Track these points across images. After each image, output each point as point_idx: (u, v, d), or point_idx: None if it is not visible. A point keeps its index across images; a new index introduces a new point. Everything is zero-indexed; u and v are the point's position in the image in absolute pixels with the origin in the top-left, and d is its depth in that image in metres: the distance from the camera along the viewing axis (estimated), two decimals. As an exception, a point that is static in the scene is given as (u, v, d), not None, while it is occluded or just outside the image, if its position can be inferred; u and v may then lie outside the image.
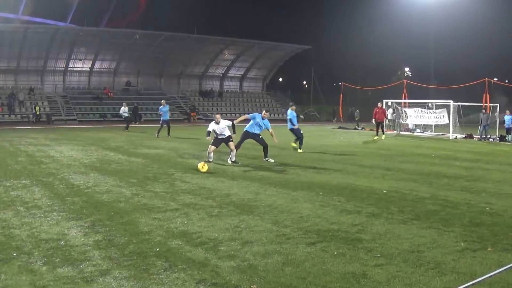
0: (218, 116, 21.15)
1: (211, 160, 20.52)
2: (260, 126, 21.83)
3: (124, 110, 43.85)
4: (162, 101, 40.68)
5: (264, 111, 22.56)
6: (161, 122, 37.34)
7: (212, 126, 20.80)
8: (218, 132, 20.75)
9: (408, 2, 79.47)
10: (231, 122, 21.30)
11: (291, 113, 26.51)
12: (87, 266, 7.59)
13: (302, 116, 40.52)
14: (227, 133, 20.82)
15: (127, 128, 43.58)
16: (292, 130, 26.48)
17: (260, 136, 21.90)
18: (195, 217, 10.79)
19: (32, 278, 7.08)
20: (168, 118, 38.11)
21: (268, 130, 22.06)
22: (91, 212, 11.21)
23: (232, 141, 20.76)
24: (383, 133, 39.79)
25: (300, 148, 25.86)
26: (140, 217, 10.75)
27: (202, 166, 17.90)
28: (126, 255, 8.11)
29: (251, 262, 7.82)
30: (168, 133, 36.97)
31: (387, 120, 44.64)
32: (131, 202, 12.41)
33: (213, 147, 20.65)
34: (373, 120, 39.60)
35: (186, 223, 10.25)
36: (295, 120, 26.29)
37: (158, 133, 36.78)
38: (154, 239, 9.03)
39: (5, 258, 7.91)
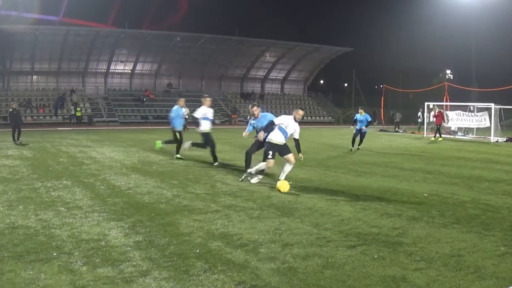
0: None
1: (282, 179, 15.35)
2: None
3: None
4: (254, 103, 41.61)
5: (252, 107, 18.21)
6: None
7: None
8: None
9: (449, 3, 78.80)
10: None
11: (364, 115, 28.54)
12: (127, 266, 7.65)
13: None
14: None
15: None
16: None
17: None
18: (236, 219, 10.82)
19: (72, 278, 7.15)
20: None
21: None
22: (132, 213, 11.30)
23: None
24: (440, 136, 40.38)
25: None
26: (181, 219, 10.79)
27: (281, 186, 14.29)
28: (166, 256, 8.16)
29: (291, 265, 7.82)
30: None
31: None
32: (171, 203, 12.49)
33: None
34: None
35: (227, 225, 10.28)
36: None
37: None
38: (195, 241, 9.07)
39: (45, 258, 8.00)
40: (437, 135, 41.27)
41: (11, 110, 31.22)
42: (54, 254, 8.23)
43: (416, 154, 27.12)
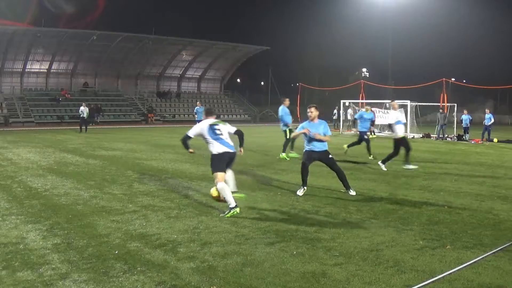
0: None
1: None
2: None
3: (82, 110, 44.03)
4: (198, 102, 41.62)
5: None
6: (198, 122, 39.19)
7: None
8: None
9: (366, 3, 79.92)
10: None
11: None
12: (46, 269, 7.55)
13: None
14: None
15: (81, 129, 43.65)
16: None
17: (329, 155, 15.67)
18: (154, 219, 10.78)
19: (-9, 283, 7.01)
20: (201, 118, 39.93)
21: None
22: (49, 215, 11.12)
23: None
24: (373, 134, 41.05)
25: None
26: (99, 220, 10.68)
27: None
28: (85, 258, 8.07)
29: (210, 263, 7.84)
30: None
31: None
32: (89, 204, 12.33)
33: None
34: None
35: (145, 225, 10.24)
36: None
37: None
38: (113, 242, 9.01)
39: (-37, 263, 7.81)
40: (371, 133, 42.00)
41: None
42: (-28, 259, 8.04)
43: (333, 151, 27.33)
